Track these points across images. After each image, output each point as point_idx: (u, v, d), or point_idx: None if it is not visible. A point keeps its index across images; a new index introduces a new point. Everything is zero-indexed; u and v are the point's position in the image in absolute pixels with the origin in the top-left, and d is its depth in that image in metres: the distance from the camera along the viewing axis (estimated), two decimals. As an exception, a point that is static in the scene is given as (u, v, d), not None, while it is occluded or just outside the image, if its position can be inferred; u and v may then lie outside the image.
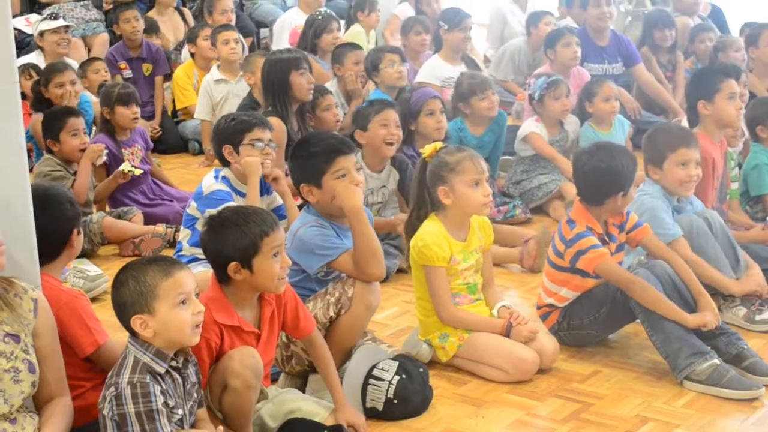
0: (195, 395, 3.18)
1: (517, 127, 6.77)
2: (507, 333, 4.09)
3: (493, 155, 6.43)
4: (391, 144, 5.39)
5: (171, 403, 3.02)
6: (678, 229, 4.45)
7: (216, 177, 4.87)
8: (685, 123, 5.41)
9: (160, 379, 3.01)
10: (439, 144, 4.23)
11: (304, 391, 3.82)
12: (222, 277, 3.39)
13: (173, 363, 3.09)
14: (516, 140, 6.58)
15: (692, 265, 4.27)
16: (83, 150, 5.86)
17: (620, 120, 6.70)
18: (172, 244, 5.65)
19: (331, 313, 3.78)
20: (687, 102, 5.29)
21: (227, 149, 4.85)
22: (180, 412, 3.07)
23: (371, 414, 3.73)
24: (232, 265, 3.33)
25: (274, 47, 9.08)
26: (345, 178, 3.88)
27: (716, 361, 3.93)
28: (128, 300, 3.03)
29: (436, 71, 7.78)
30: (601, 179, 4.20)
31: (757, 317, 4.53)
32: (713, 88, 5.01)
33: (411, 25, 8.56)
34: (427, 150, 4.19)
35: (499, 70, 8.98)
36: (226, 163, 4.89)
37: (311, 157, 3.93)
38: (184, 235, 4.92)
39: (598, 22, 7.85)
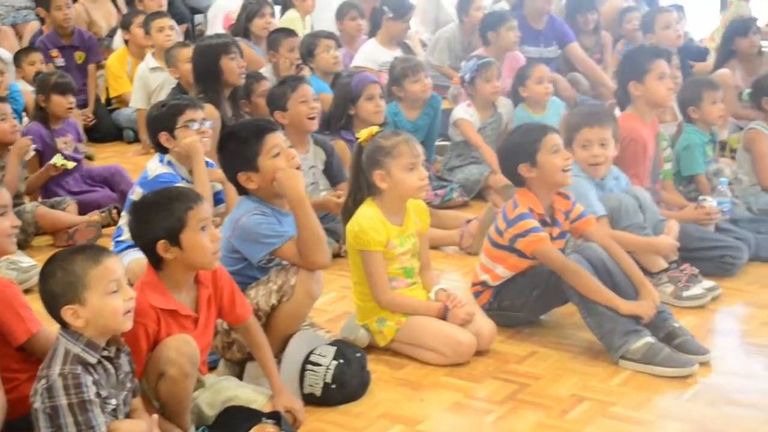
0: (129, 385, 3.15)
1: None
2: (444, 316, 4.10)
3: (429, 139, 6.45)
4: (313, 118, 5.39)
5: (104, 393, 3.00)
6: (600, 207, 4.50)
7: (161, 161, 4.86)
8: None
9: (92, 370, 2.98)
10: (375, 128, 4.23)
11: (242, 379, 3.81)
12: (155, 262, 3.37)
13: (105, 353, 3.06)
14: (449, 125, 6.59)
15: (619, 240, 4.32)
16: (13, 136, 5.77)
17: (554, 102, 6.74)
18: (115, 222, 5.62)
19: (273, 301, 3.77)
20: (618, 83, 5.35)
21: (163, 136, 4.83)
22: (113, 402, 3.04)
23: (309, 400, 3.73)
24: (161, 243, 3.31)
25: (209, 33, 9.02)
26: (279, 156, 3.85)
27: (650, 339, 3.98)
28: (57, 291, 2.99)
29: (373, 55, 7.78)
30: (503, 155, 4.36)
31: (685, 293, 4.60)
32: (643, 69, 5.07)
33: (346, 11, 8.54)
34: (362, 134, 4.19)
35: (435, 54, 8.98)
36: (164, 151, 4.87)
37: (241, 144, 3.89)
38: (125, 220, 4.88)
39: (542, 5, 7.80)
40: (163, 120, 4.85)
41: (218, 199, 4.93)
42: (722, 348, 4.21)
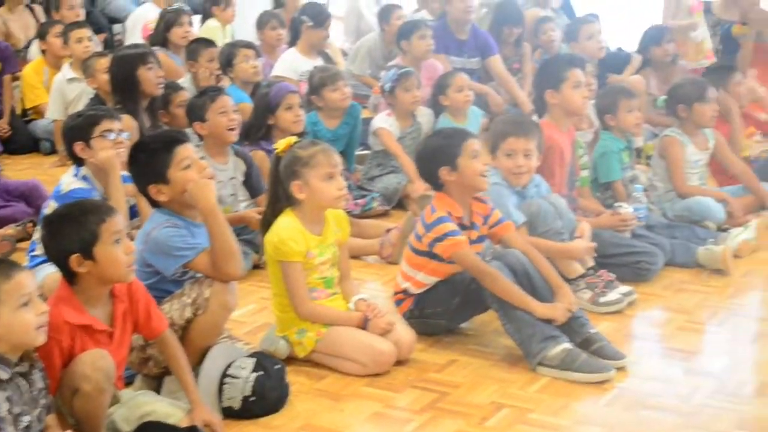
0: (42, 401, 3.10)
1: (374, 120, 6.80)
2: (364, 326, 4.10)
3: (349, 148, 6.46)
4: (233, 129, 5.37)
5: (17, 410, 2.94)
6: (520, 216, 4.55)
7: (76, 175, 4.79)
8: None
9: (4, 386, 2.93)
10: (293, 139, 4.22)
11: (160, 393, 3.76)
12: (69, 276, 3.32)
13: (18, 369, 3.00)
14: (369, 134, 6.61)
15: (538, 247, 4.38)
16: None
17: (474, 111, 6.79)
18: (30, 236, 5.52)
19: (188, 315, 3.73)
20: (534, 92, 5.41)
21: (79, 146, 4.76)
22: (27, 419, 2.98)
23: (228, 413, 3.69)
24: (74, 257, 3.27)
25: (128, 43, 8.93)
26: (190, 168, 3.82)
27: (568, 345, 4.01)
28: None
29: (293, 65, 7.76)
30: (421, 160, 4.38)
31: (602, 299, 4.66)
32: (559, 78, 5.14)
33: (266, 20, 8.52)
34: (280, 145, 4.17)
35: (356, 64, 9.00)
36: (80, 162, 4.80)
37: (151, 156, 3.85)
38: (39, 235, 4.79)
39: (462, 15, 7.83)
40: (78, 130, 4.79)
41: (134, 212, 4.87)
42: (639, 353, 4.27)
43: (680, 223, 5.58)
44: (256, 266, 5.18)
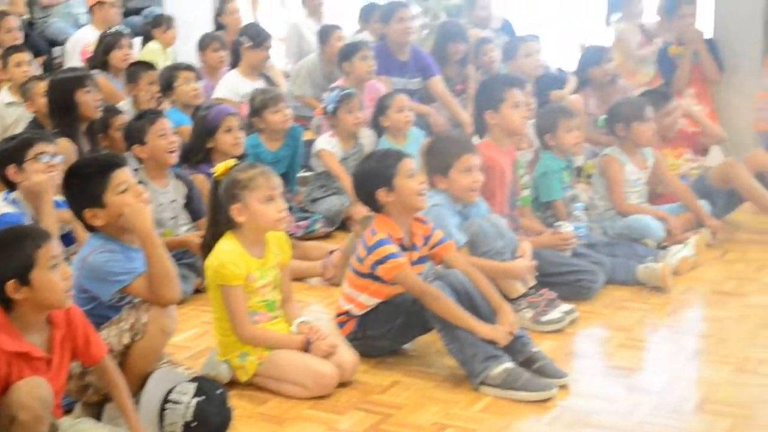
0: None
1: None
2: (307, 348, 4.09)
3: (291, 170, 6.46)
4: (173, 152, 5.35)
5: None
6: (461, 237, 4.57)
7: (5, 199, 4.73)
8: None
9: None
10: (231, 162, 4.20)
11: (101, 420, 3.72)
12: (5, 303, 3.27)
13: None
14: (312, 156, 6.60)
15: (479, 268, 4.39)
16: None
17: (414, 132, 6.81)
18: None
19: (126, 341, 3.69)
20: (475, 112, 5.44)
21: (12, 169, 4.72)
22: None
23: (170, 439, 3.66)
24: (10, 283, 3.22)
25: (67, 66, 8.85)
26: (127, 192, 3.79)
27: (509, 364, 4.02)
28: None
29: (235, 87, 7.73)
30: (358, 182, 4.37)
31: (543, 318, 4.69)
32: (499, 98, 5.18)
33: (208, 42, 8.48)
34: (218, 168, 4.16)
35: (297, 85, 9.00)
36: (12, 186, 4.74)
37: (87, 180, 3.81)
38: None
39: (401, 37, 7.85)
40: (12, 152, 4.75)
41: (70, 239, 4.81)
42: (581, 371, 4.30)
43: (620, 241, 5.64)
44: (198, 290, 5.15)
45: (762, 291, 5.18)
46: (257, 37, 7.84)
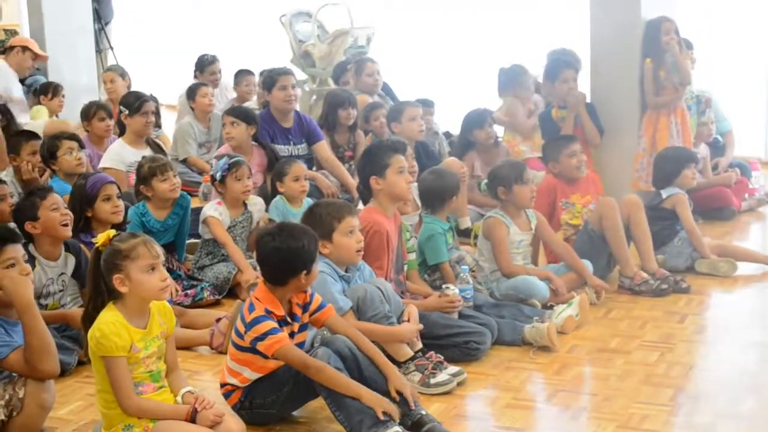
0: None
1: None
2: (193, 418, 4.03)
3: (179, 238, 6.43)
4: (66, 225, 5.29)
5: None
6: (347, 303, 4.59)
7: None
8: None
9: None
10: (112, 232, 4.15)
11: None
12: None
13: None
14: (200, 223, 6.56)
15: (364, 332, 4.42)
16: None
17: (308, 202, 6.81)
18: None
19: (2, 417, 3.60)
20: (360, 178, 5.47)
21: None
22: None
23: None
24: None
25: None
26: (14, 267, 3.73)
27: (398, 428, 4.04)
28: None
29: (121, 156, 7.65)
30: (282, 260, 4.27)
31: (432, 380, 4.71)
32: (383, 164, 5.24)
33: (94, 111, 8.39)
34: (100, 239, 4.10)
35: (179, 149, 9.05)
36: None
37: None
38: None
39: (283, 104, 7.88)
40: None
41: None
42: (469, 432, 4.32)
43: (507, 302, 5.69)
44: (81, 362, 5.05)
45: (645, 348, 5.28)
46: (131, 104, 7.80)
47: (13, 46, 10.23)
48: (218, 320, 5.42)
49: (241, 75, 10.47)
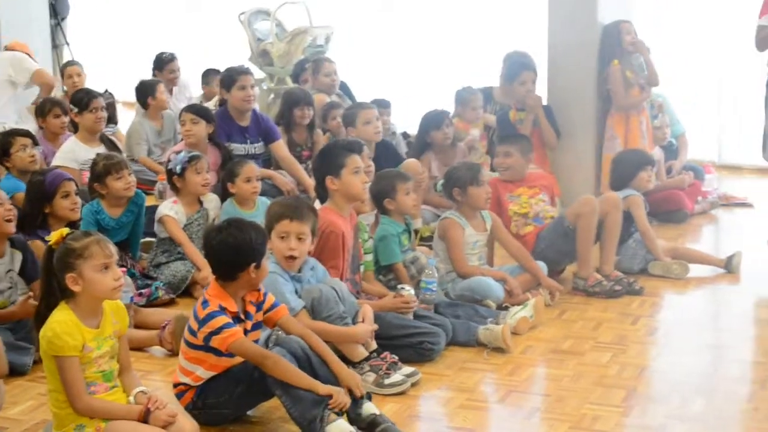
0: None
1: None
2: (146, 419, 4.01)
3: (134, 237, 6.39)
4: (10, 221, 5.25)
5: None
6: (298, 302, 4.60)
7: None
8: None
9: None
10: (65, 230, 4.11)
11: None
12: None
13: None
14: (155, 222, 6.52)
15: (318, 332, 4.43)
16: None
17: (263, 201, 6.79)
18: None
19: (-49, 416, 3.57)
20: (315, 178, 5.46)
21: None
22: None
23: None
24: None
25: None
26: None
27: (351, 429, 4.04)
28: None
29: (74, 154, 7.58)
30: (230, 253, 4.28)
31: (386, 381, 4.72)
32: (339, 164, 5.23)
33: (49, 108, 8.32)
34: (52, 237, 4.07)
35: (132, 149, 8.99)
36: None
37: None
38: None
39: (242, 104, 7.83)
40: None
41: None
42: (423, 433, 4.34)
43: (462, 303, 5.71)
44: (35, 362, 5.00)
45: (598, 349, 5.32)
46: (80, 101, 7.75)
47: None
48: (164, 326, 5.38)
49: (210, 74, 10.39)
